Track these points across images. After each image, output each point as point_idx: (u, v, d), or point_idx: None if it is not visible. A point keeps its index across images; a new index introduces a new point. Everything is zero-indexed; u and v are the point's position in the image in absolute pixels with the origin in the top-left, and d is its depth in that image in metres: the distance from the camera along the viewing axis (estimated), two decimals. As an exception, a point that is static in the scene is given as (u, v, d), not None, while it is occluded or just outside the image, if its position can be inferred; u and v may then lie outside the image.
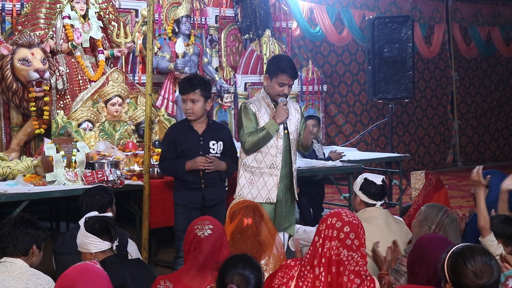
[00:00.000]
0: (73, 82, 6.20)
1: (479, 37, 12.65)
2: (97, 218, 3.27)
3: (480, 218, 3.57)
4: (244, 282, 2.52)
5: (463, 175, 10.85)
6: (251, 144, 4.38)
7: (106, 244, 3.18)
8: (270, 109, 4.46)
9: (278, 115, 4.35)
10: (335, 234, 2.82)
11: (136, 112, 6.22)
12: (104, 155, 5.34)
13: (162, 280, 2.93)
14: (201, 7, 7.72)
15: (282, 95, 4.42)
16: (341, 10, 10.60)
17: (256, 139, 4.36)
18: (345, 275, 2.77)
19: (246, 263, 2.58)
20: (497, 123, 13.09)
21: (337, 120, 10.62)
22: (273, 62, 4.55)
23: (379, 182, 3.92)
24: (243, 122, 4.43)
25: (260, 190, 4.42)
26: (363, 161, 7.09)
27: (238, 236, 3.52)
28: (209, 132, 4.50)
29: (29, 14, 6.22)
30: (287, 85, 4.42)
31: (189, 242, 3.01)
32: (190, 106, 4.43)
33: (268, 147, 4.41)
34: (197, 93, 4.40)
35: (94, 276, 2.63)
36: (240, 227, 3.56)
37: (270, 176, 4.42)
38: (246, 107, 4.45)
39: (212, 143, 4.47)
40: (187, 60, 6.98)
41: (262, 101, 4.50)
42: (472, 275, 2.38)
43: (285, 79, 4.40)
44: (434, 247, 2.88)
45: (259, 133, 4.36)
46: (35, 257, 3.19)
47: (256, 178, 4.45)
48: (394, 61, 8.82)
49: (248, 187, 4.44)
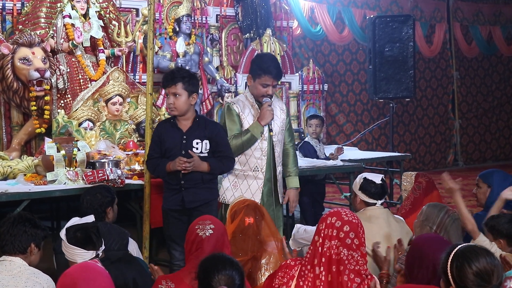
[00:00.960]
0: (74, 81, 6.19)
1: (480, 36, 12.63)
2: (77, 228, 3.10)
3: (466, 223, 3.56)
4: (230, 281, 2.51)
5: (464, 175, 10.84)
6: (235, 148, 4.27)
7: (91, 253, 3.02)
8: (254, 109, 4.37)
9: (262, 116, 4.26)
10: (334, 233, 2.81)
11: (137, 111, 6.22)
12: (105, 154, 5.33)
13: (163, 280, 2.92)
14: (202, 6, 7.71)
15: (266, 96, 4.32)
16: (342, 9, 10.59)
17: (240, 143, 4.27)
18: (345, 274, 2.77)
19: (226, 263, 2.55)
20: (498, 122, 13.08)
21: (338, 120, 10.61)
22: (255, 62, 4.42)
23: (378, 181, 3.91)
24: (227, 124, 4.32)
25: (243, 193, 4.31)
26: (364, 161, 7.08)
27: (239, 235, 3.52)
28: (194, 130, 4.18)
29: (30, 13, 6.21)
30: (270, 86, 4.31)
31: (190, 242, 3.00)
32: (172, 101, 4.11)
33: (252, 150, 4.33)
34: (178, 86, 4.09)
35: (95, 274, 2.63)
36: (242, 226, 3.56)
37: (254, 179, 4.36)
38: (230, 108, 4.36)
39: (196, 142, 4.15)
40: (188, 59, 6.97)
41: (246, 101, 4.40)
42: (478, 278, 2.35)
43: (268, 80, 4.29)
44: (433, 248, 2.87)
45: (243, 136, 4.27)
46: (33, 256, 3.18)
47: (239, 181, 4.37)
48: (395, 60, 8.81)
49: (232, 190, 4.37)
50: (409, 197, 4.54)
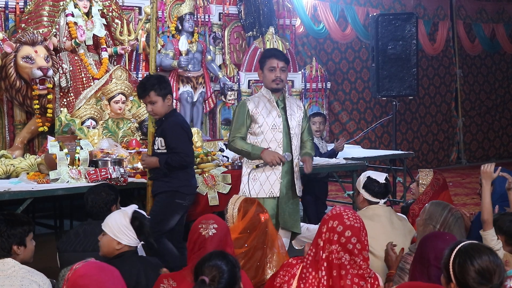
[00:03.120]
0: (77, 79, 6.20)
1: (483, 34, 12.60)
2: (143, 216, 3.32)
3: (484, 211, 3.56)
4: (217, 271, 2.46)
5: (467, 173, 10.82)
6: (234, 149, 4.56)
7: (137, 242, 3.22)
8: (270, 103, 4.50)
9: (268, 156, 4.40)
10: (335, 238, 2.79)
11: (140, 109, 6.21)
12: (108, 152, 5.34)
13: (165, 278, 2.90)
14: (204, 4, 7.70)
15: (277, 80, 4.45)
16: (345, 7, 10.58)
17: (240, 149, 4.51)
18: (347, 278, 2.74)
19: (219, 256, 2.53)
20: (502, 120, 13.05)
21: (340, 118, 10.60)
22: (260, 56, 4.73)
23: (382, 180, 3.89)
24: (234, 122, 4.55)
25: (262, 185, 4.45)
26: (367, 159, 7.08)
27: (247, 232, 3.50)
28: (157, 129, 4.59)
29: (33, 11, 6.21)
30: (277, 68, 4.47)
31: (193, 242, 2.99)
32: (150, 108, 4.50)
33: (267, 141, 4.46)
34: (151, 95, 4.44)
35: (111, 271, 2.57)
36: (256, 223, 3.54)
37: (272, 170, 4.45)
38: (243, 105, 4.55)
39: (157, 139, 4.55)
40: (191, 57, 6.97)
41: (263, 97, 4.55)
42: (479, 276, 2.34)
43: (273, 62, 4.47)
44: (444, 246, 2.85)
45: (246, 145, 4.47)
46: (21, 254, 3.09)
47: (258, 174, 4.48)
48: (398, 58, 8.80)
49: (252, 183, 4.47)
50: (428, 192, 4.52)
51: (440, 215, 3.43)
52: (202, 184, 5.30)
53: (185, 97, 7.02)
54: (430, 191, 4.52)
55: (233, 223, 3.58)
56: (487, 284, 2.33)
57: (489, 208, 3.56)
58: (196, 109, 7.18)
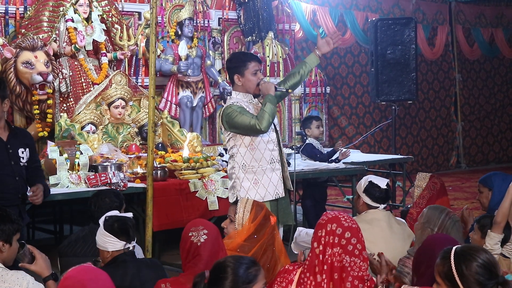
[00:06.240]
0: (76, 85, 6.21)
1: (482, 38, 12.62)
2: (116, 218, 3.28)
3: (499, 214, 3.60)
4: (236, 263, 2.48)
5: (467, 177, 10.82)
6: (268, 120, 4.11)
7: (122, 244, 3.19)
8: (252, 105, 4.32)
9: (267, 89, 4.23)
10: (336, 240, 2.78)
11: (139, 114, 6.23)
12: (107, 157, 5.35)
13: (163, 284, 2.90)
14: (204, 9, 7.72)
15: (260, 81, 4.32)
16: (344, 12, 10.59)
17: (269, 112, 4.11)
18: (348, 281, 2.74)
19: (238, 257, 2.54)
20: (501, 124, 13.06)
21: (340, 122, 10.61)
22: (233, 61, 4.41)
23: (383, 185, 3.88)
24: (240, 117, 4.16)
25: (267, 188, 4.26)
26: (366, 163, 7.07)
27: (254, 237, 3.45)
28: (15, 139, 3.96)
29: (33, 17, 6.23)
30: (259, 71, 4.36)
31: (186, 251, 2.97)
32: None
33: (265, 143, 4.27)
34: None
35: (98, 274, 2.63)
36: (266, 225, 3.50)
37: (273, 171, 4.29)
38: (231, 106, 4.24)
39: (21, 151, 3.98)
40: (190, 62, 6.99)
41: (241, 102, 4.30)
42: (486, 270, 2.35)
43: (256, 66, 4.32)
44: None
45: (265, 107, 4.13)
46: (5, 252, 3.00)
47: (259, 177, 4.27)
48: (397, 63, 8.81)
49: (254, 188, 4.26)
50: (424, 196, 4.53)
51: (438, 218, 3.44)
52: (202, 189, 5.31)
53: (184, 102, 7.04)
54: (427, 194, 4.53)
55: (242, 225, 3.48)
56: (494, 278, 2.35)
57: (505, 213, 3.59)
58: (196, 114, 7.19)
